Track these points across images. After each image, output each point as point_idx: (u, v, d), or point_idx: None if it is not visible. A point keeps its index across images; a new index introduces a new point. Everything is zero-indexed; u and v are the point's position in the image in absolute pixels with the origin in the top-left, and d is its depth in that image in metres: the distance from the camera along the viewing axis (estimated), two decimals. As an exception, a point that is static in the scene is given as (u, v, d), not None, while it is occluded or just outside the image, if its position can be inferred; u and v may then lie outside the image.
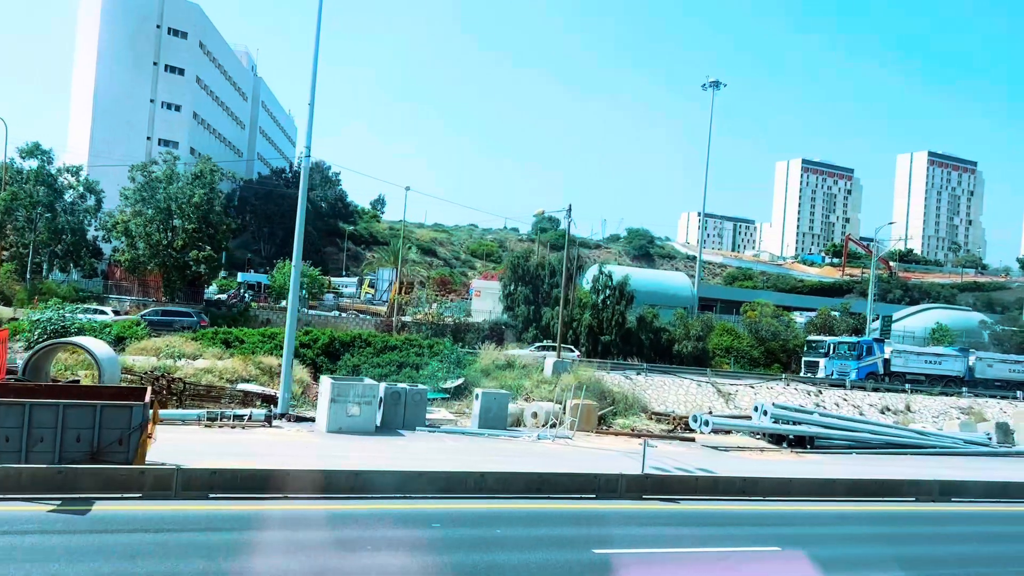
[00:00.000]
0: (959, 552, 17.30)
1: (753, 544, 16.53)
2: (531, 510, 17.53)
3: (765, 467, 25.00)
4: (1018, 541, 19.06)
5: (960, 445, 32.45)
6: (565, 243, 55.51)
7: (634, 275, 67.42)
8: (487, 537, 15.09)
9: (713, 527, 17.86)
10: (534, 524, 16.42)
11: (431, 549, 13.92)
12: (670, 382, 39.91)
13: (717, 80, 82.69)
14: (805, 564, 15.44)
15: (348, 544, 13.80)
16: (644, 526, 17.32)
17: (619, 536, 16.12)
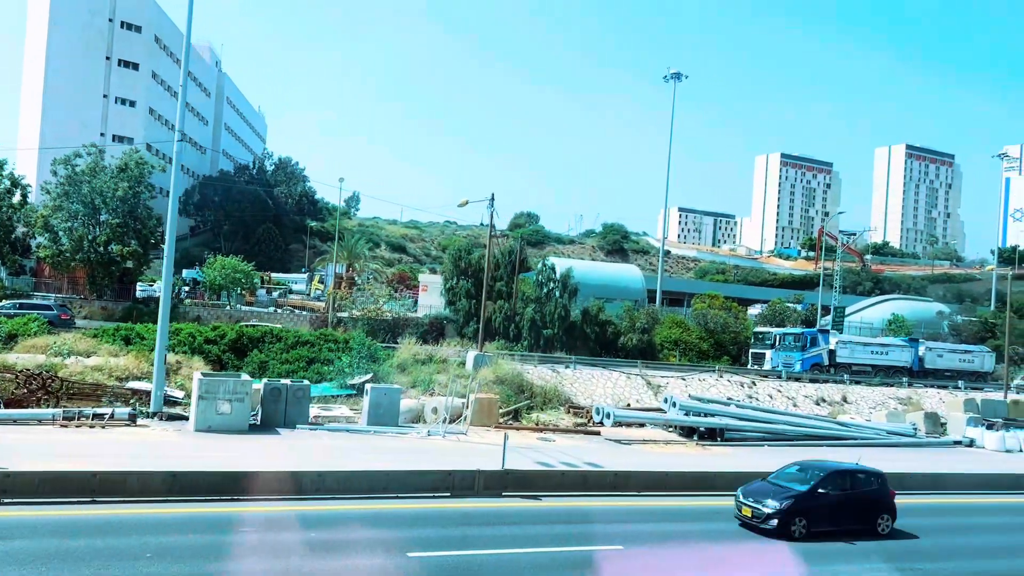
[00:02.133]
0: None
1: (599, 543, 15.59)
2: (360, 511, 16.48)
3: (661, 460, 24.07)
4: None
5: (882, 436, 31.61)
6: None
7: (583, 268, 66.55)
8: (289, 542, 14.03)
9: (565, 525, 16.91)
10: (351, 526, 15.35)
11: (210, 557, 12.88)
12: (599, 375, 38.94)
13: (678, 72, 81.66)
14: (632, 563, 14.48)
15: (120, 553, 12.72)
16: (485, 525, 16.30)
17: (446, 537, 15.11)
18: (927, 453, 30.05)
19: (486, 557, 13.99)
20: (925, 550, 17.01)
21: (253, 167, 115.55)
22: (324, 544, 14.03)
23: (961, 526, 19.94)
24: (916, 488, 22.59)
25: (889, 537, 17.74)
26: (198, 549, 13.14)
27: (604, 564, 14.05)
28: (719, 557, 15.28)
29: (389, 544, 14.18)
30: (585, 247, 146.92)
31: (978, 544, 18.05)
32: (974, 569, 16.05)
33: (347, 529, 15.01)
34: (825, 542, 16.77)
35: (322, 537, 14.41)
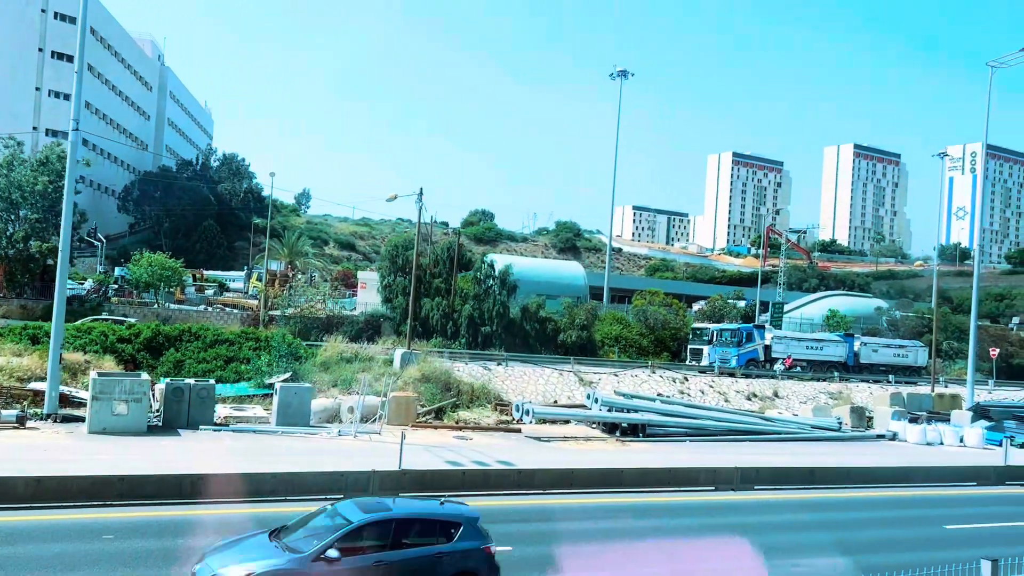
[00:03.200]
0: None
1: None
2: (231, 515, 15.74)
3: (573, 458, 23.70)
4: (766, 531, 17.89)
5: (806, 430, 31.70)
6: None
7: (524, 265, 66.22)
8: (126, 551, 13.31)
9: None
10: (208, 533, 14.62)
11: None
12: (531, 372, 38.56)
13: (624, 70, 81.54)
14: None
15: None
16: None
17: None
18: (847, 447, 30.19)
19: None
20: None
21: (197, 163, 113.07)
22: (165, 553, 13.33)
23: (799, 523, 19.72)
24: (827, 482, 22.56)
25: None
26: (48, 560, 12.35)
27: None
28: (609, 556, 14.90)
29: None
30: (538, 245, 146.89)
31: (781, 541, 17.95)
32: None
33: (203, 535, 14.30)
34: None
35: (176, 545, 13.70)
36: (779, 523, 18.43)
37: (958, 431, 32.82)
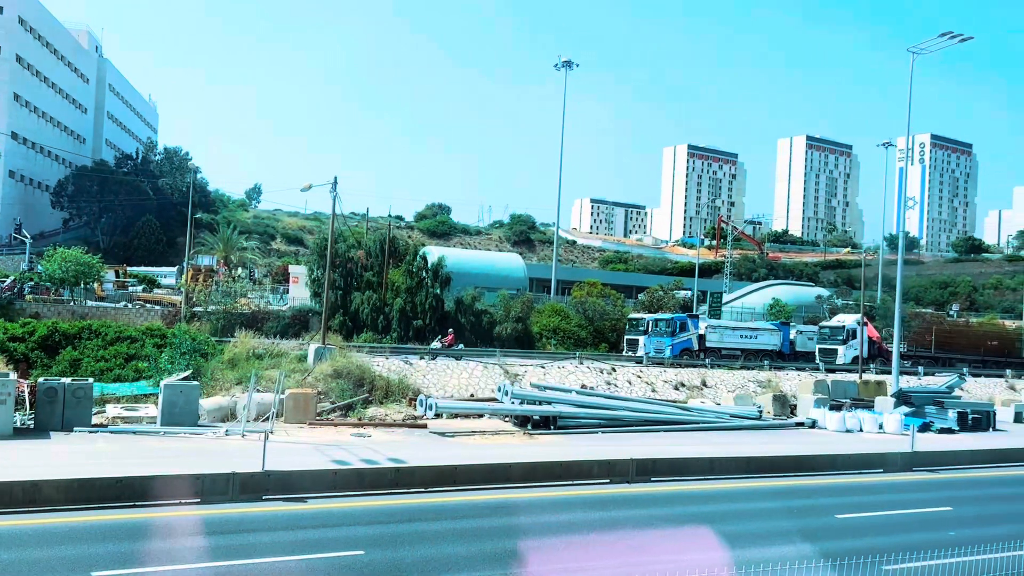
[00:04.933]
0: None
1: (343, 548, 14.21)
2: (58, 525, 14.66)
3: (472, 452, 22.94)
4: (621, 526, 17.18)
5: (725, 419, 31.28)
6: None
7: (462, 257, 65.49)
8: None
9: (313, 530, 15.47)
10: (27, 546, 13.58)
11: None
12: (455, 365, 37.66)
13: (569, 60, 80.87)
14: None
15: None
16: (218, 534, 14.71)
17: (145, 552, 13.46)
18: (763, 435, 29.79)
19: (182, 573, 12.47)
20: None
21: (137, 157, 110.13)
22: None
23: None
24: (727, 472, 22.05)
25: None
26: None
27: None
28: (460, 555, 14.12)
29: (73, 563, 12.50)
30: (492, 238, 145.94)
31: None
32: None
33: (19, 549, 13.23)
34: None
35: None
36: (664, 516, 17.81)
37: (878, 418, 32.67)
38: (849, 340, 51.12)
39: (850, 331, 51.29)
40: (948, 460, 26.09)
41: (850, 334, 51.16)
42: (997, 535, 14.89)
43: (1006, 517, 19.35)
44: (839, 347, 51.30)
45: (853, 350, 50.10)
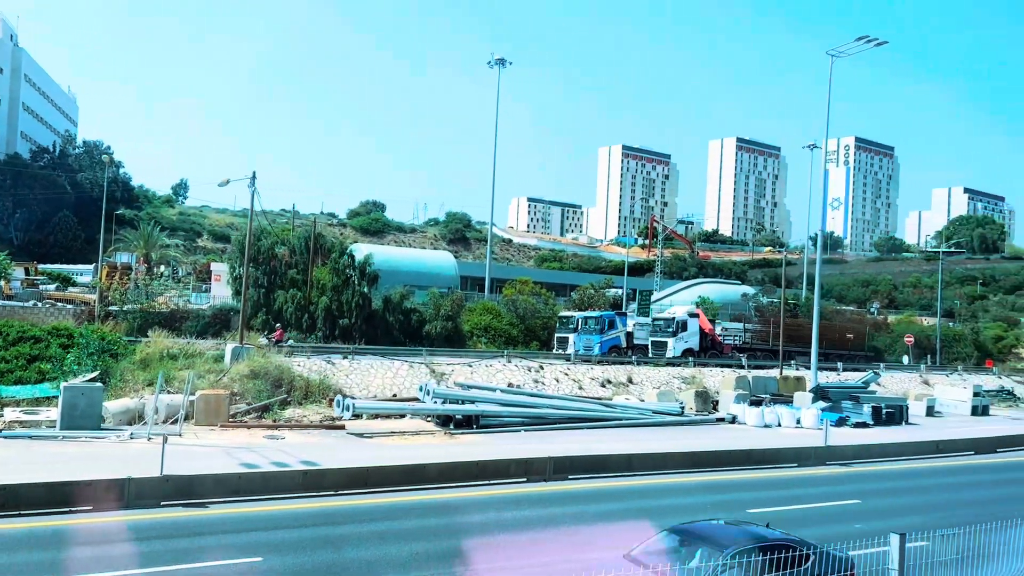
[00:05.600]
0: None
1: (240, 555, 13.65)
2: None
3: (390, 453, 22.50)
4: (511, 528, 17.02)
5: (647, 416, 31.48)
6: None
7: (391, 255, 64.77)
8: None
9: (211, 536, 14.86)
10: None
11: None
12: (379, 364, 37.04)
13: (502, 58, 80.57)
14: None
15: None
16: (108, 543, 13.97)
17: (34, 564, 12.68)
18: (684, 431, 30.06)
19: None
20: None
21: (54, 150, 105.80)
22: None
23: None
24: (645, 469, 22.10)
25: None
26: None
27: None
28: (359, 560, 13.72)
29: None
30: (427, 236, 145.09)
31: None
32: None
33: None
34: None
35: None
36: (577, 514, 17.66)
37: (795, 413, 33.31)
38: (679, 332, 48.99)
39: (680, 323, 49.38)
40: (860, 454, 26.71)
41: (680, 326, 49.17)
42: (899, 527, 15.18)
43: (910, 509, 19.83)
44: (668, 339, 48.84)
45: (683, 343, 48.63)
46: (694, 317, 50.46)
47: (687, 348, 48.47)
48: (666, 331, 49.38)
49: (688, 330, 49.20)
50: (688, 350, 48.31)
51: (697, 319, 50.49)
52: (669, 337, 48.82)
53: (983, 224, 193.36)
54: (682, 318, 49.94)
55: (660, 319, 51.57)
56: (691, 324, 49.64)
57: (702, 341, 49.96)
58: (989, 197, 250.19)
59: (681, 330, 49.10)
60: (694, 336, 49.40)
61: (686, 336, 49.00)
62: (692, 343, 49.11)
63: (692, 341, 49.14)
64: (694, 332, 49.41)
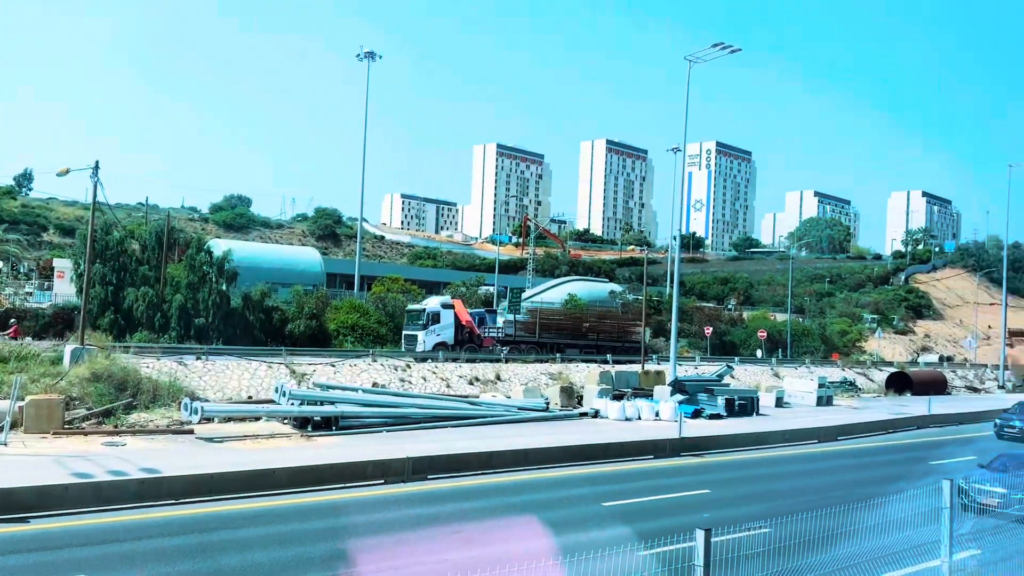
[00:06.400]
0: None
1: (62, 574, 12.52)
2: None
3: (245, 458, 21.37)
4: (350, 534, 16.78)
5: (513, 412, 31.54)
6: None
7: (252, 251, 62.36)
8: None
9: (34, 554, 13.64)
10: None
11: None
12: (235, 365, 35.44)
13: (372, 51, 79.07)
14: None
15: None
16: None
17: None
18: (549, 427, 30.29)
19: None
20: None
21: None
22: None
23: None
24: (505, 466, 22.07)
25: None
26: None
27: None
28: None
29: None
30: (295, 232, 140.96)
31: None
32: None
33: None
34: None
35: None
36: (434, 515, 17.35)
37: (655, 406, 34.26)
38: (431, 325, 45.61)
39: (431, 315, 46.04)
40: (712, 444, 27.74)
41: (431, 318, 45.83)
42: (745, 515, 15.76)
43: (757, 497, 20.65)
44: (419, 332, 45.51)
45: (435, 336, 45.49)
46: (448, 308, 47.24)
47: (440, 342, 45.36)
48: (417, 324, 46.10)
49: (441, 322, 46.04)
50: (441, 343, 45.21)
51: (452, 310, 47.19)
52: (419, 330, 45.54)
53: (831, 226, 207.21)
54: (434, 309, 46.66)
55: (412, 310, 48.21)
56: (445, 316, 46.47)
57: (458, 334, 46.64)
58: (837, 200, 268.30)
59: (433, 322, 45.77)
60: (448, 329, 46.15)
61: (438, 328, 45.79)
62: (446, 336, 45.91)
63: (446, 334, 45.94)
64: (448, 324, 46.19)
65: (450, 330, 46.34)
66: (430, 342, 45.20)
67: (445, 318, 46.48)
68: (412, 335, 45.90)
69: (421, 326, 45.82)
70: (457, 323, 47.01)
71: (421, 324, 45.90)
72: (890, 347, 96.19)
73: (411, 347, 44.85)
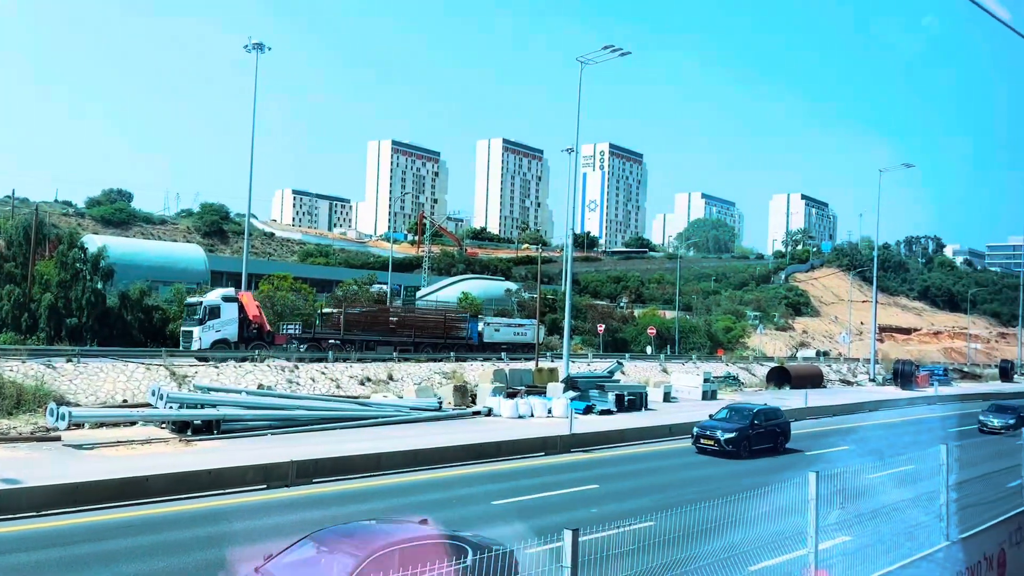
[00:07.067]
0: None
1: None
2: None
3: (118, 465, 20.27)
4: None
5: (404, 412, 31.15)
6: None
7: (133, 248, 59.69)
8: None
9: None
10: None
11: None
12: (111, 367, 33.59)
13: (260, 43, 76.37)
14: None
15: None
16: None
17: None
18: (442, 426, 30.09)
19: None
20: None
21: None
22: None
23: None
24: (394, 467, 21.70)
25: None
26: None
27: None
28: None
29: None
30: (179, 228, 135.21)
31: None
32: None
33: None
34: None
35: None
36: (319, 519, 16.77)
37: (547, 403, 34.58)
38: (208, 320, 41.56)
39: (209, 309, 41.80)
40: (601, 440, 28.16)
41: (209, 312, 41.67)
42: (631, 509, 15.96)
43: (642, 491, 21.05)
44: (195, 328, 41.50)
45: (214, 332, 41.47)
46: (231, 302, 42.89)
47: (220, 339, 41.59)
48: (193, 319, 42.20)
49: (222, 317, 41.95)
50: (222, 341, 41.55)
51: (235, 304, 42.95)
52: (195, 326, 41.51)
53: (717, 227, 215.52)
54: (212, 303, 42.37)
55: (190, 304, 44.06)
56: (226, 310, 42.29)
57: (244, 330, 42.79)
58: (722, 202, 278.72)
59: (211, 317, 41.63)
60: (230, 324, 42.18)
61: (218, 324, 41.70)
62: (228, 332, 42.00)
63: (228, 330, 42.01)
64: (231, 319, 42.24)
65: (233, 326, 42.33)
66: (208, 339, 41.14)
67: (227, 312, 42.24)
68: (188, 331, 41.85)
69: (197, 321, 41.54)
70: (244, 318, 43.02)
71: (197, 319, 41.65)
72: (771, 343, 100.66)
73: (187, 344, 41.08)
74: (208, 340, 41.14)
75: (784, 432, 28.74)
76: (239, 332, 42.53)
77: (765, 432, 27.78)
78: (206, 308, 42.04)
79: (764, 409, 28.90)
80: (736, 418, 27.85)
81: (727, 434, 26.56)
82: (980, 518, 11.75)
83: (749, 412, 28.16)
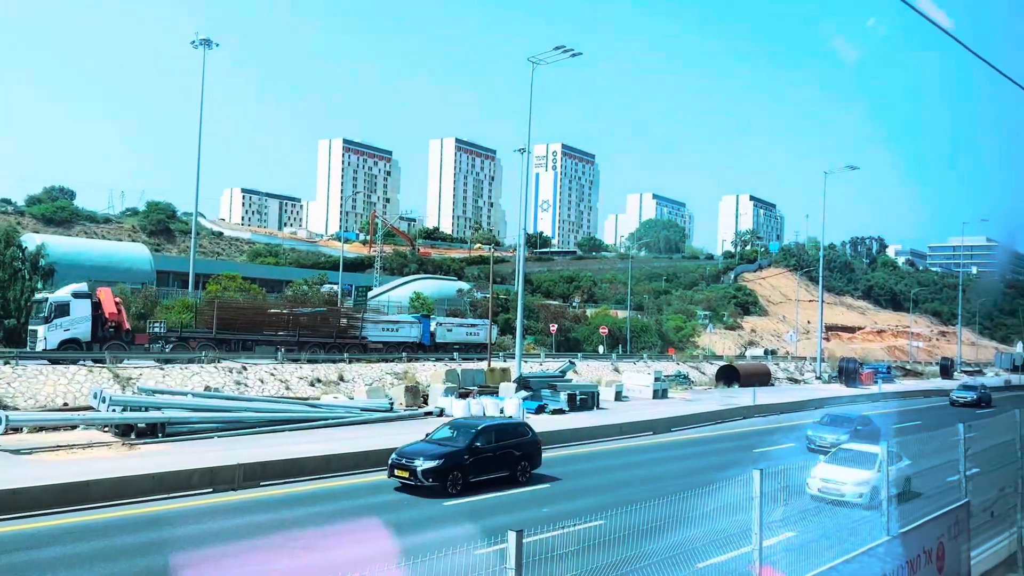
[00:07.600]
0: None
1: None
2: None
3: (58, 470, 19.55)
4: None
5: (355, 414, 30.83)
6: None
7: (76, 247, 58.16)
8: None
9: None
10: None
11: None
12: (51, 370, 32.55)
13: (208, 39, 75.18)
14: None
15: None
16: None
17: None
18: (393, 427, 29.81)
19: None
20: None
21: None
22: None
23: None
24: (344, 469, 21.51)
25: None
26: None
27: None
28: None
29: None
30: (124, 227, 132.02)
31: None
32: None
33: None
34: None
35: None
36: (267, 522, 16.60)
37: (500, 403, 34.47)
38: (56, 318, 37.29)
39: (57, 305, 37.55)
40: (555, 439, 28.19)
41: (57, 310, 37.45)
42: (583, 507, 16.04)
43: (593, 489, 21.17)
44: (40, 327, 37.32)
45: (62, 331, 37.25)
46: (83, 299, 38.49)
47: (70, 338, 37.44)
48: (39, 317, 38.04)
49: (72, 315, 37.71)
50: (71, 340, 37.41)
51: (88, 301, 38.59)
52: (41, 324, 37.38)
53: (668, 227, 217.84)
54: (60, 300, 37.97)
55: (37, 301, 39.64)
56: (77, 307, 38.00)
57: (99, 329, 38.68)
58: (673, 203, 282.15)
59: (59, 315, 37.37)
60: (82, 323, 37.94)
61: (67, 323, 37.48)
62: (79, 331, 37.76)
63: (79, 329, 37.78)
64: (82, 317, 37.97)
65: (85, 324, 38.15)
66: (54, 339, 37.09)
67: (77, 310, 38.04)
68: (33, 330, 38.03)
69: (43, 319, 37.41)
70: (98, 316, 39.06)
71: (43, 317, 37.49)
72: (721, 342, 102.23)
73: (32, 344, 37.45)
74: (55, 340, 37.21)
75: (528, 455, 21.70)
76: (92, 331, 38.53)
77: (495, 457, 20.75)
78: (52, 305, 37.77)
79: (495, 425, 22.20)
80: (459, 438, 20.82)
81: (428, 462, 19.39)
82: (920, 512, 12.08)
83: (473, 430, 21.08)
